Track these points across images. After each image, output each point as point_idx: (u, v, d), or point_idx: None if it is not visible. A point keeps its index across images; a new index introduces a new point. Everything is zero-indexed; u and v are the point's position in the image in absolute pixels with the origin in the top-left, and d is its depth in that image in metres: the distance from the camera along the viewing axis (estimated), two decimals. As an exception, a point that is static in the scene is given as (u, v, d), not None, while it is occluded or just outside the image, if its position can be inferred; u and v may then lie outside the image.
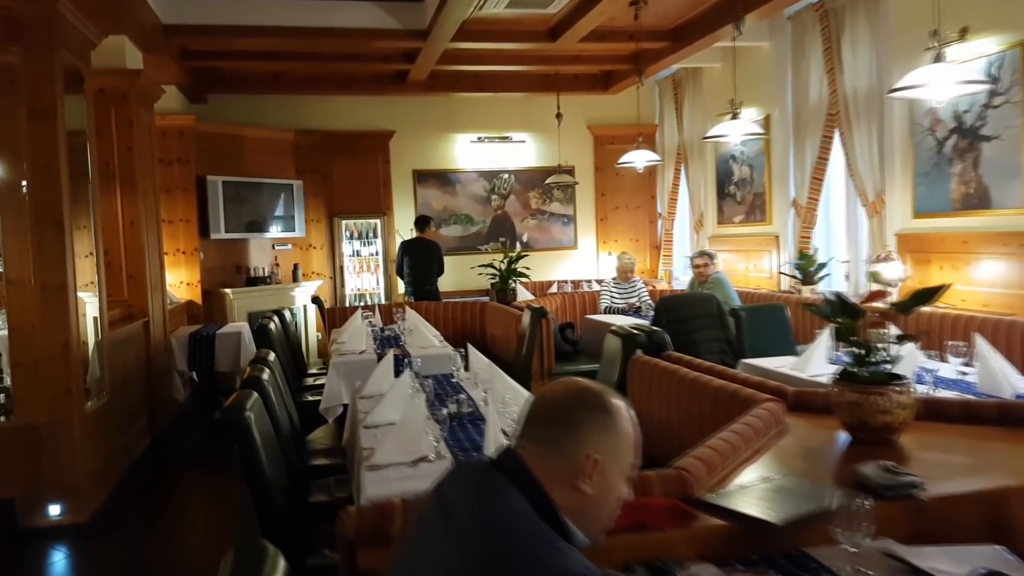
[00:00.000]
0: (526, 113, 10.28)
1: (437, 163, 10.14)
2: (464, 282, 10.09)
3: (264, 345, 5.49)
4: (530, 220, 10.43)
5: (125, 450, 5.57)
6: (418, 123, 10.01)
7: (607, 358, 4.29)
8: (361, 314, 6.74)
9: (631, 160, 7.28)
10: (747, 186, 8.67)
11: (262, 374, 3.39)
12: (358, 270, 9.70)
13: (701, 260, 6.95)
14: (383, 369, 4.15)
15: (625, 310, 7.22)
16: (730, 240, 8.93)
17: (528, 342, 5.73)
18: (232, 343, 7.28)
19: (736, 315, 5.29)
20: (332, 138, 9.66)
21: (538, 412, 1.50)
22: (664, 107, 10.53)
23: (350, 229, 9.71)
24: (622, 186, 10.61)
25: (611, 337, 4.27)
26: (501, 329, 6.80)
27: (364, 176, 9.81)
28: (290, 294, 9.26)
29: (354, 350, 5.51)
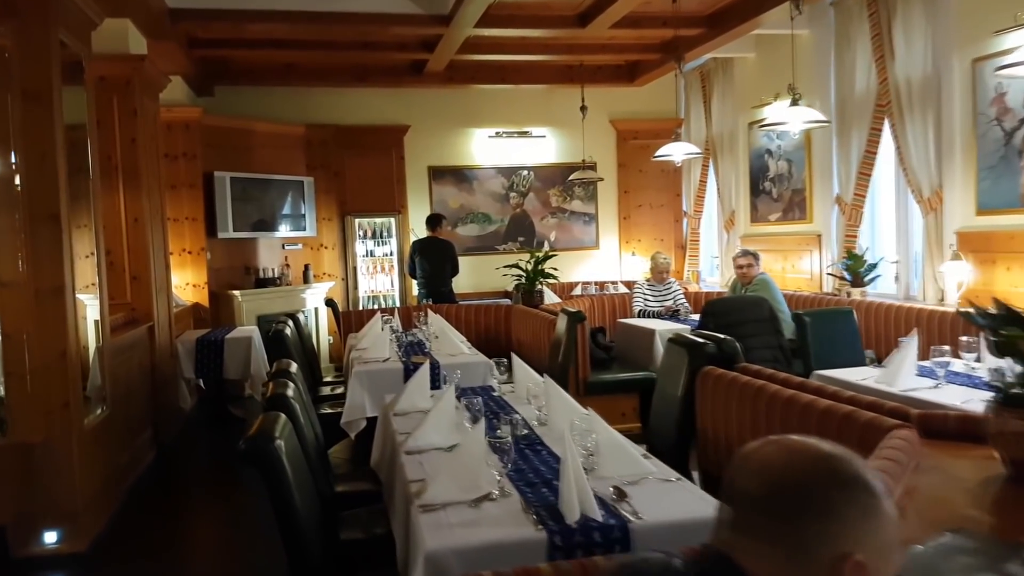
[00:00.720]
0: (546, 107, 9.83)
1: (453, 159, 9.70)
2: (482, 283, 9.65)
3: (280, 353, 5.06)
4: (550, 219, 9.98)
5: (128, 467, 5.12)
6: (434, 117, 9.56)
7: (666, 370, 3.83)
8: (381, 318, 6.30)
9: (669, 153, 6.82)
10: (785, 182, 8.22)
11: (286, 390, 2.94)
12: (372, 271, 9.26)
13: (745, 260, 6.49)
14: (418, 382, 3.70)
15: (661, 313, 6.77)
16: (765, 239, 8.47)
17: (565, 350, 5.27)
18: (242, 349, 6.83)
19: (800, 321, 4.84)
20: (344, 133, 9.22)
21: (758, 491, 1.04)
22: (691, 101, 10.07)
23: (363, 228, 9.26)
24: (646, 183, 10.16)
25: (673, 347, 3.82)
26: (530, 335, 6.35)
27: (377, 173, 9.36)
28: (301, 296, 8.82)
29: (377, 358, 5.06)
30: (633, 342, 6.38)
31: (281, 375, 3.23)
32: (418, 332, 5.90)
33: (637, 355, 6.24)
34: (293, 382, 3.21)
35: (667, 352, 3.88)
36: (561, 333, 5.36)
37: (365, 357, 5.08)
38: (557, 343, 5.40)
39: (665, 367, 3.85)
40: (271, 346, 5.40)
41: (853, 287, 6.70)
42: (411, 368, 4.79)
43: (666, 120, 10.17)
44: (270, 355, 7.66)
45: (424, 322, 6.23)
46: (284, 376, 3.21)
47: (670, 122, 10.18)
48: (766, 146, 8.45)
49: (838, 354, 4.79)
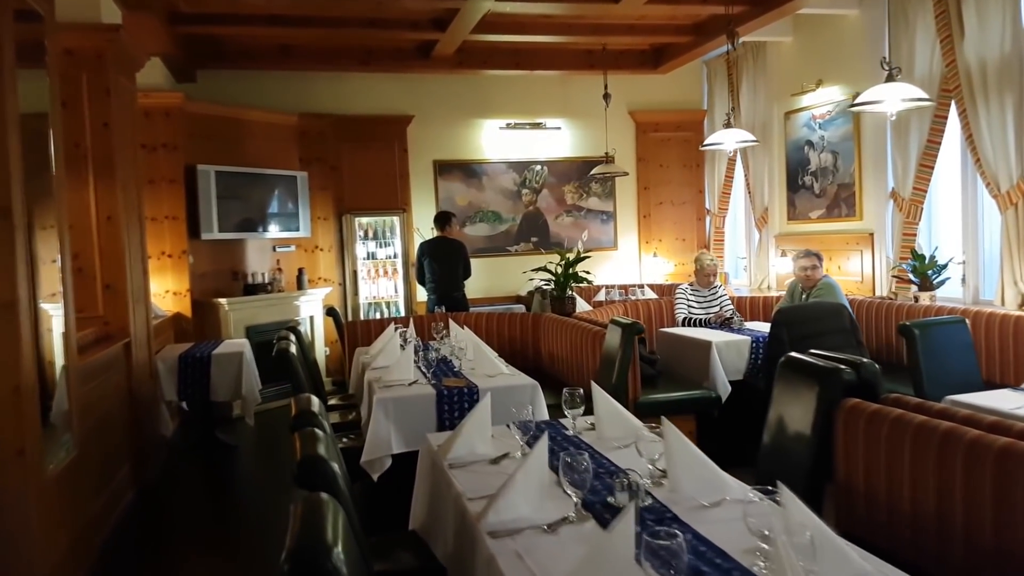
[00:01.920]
0: (562, 96, 9.05)
1: (461, 153, 8.89)
2: (493, 288, 8.86)
3: (286, 376, 4.25)
4: (565, 217, 9.20)
5: (103, 516, 4.27)
6: (440, 106, 8.75)
7: (785, 401, 3.05)
8: (395, 329, 5.49)
9: (719, 141, 6.04)
10: (829, 176, 7.49)
11: (320, 447, 2.10)
12: (373, 275, 8.42)
13: (808, 262, 5.75)
14: (477, 422, 2.89)
15: (709, 321, 6.01)
16: (806, 239, 7.73)
17: (620, 368, 4.49)
18: (231, 366, 5.99)
19: (908, 333, 4.08)
20: (342, 123, 8.38)
21: None
22: (715, 90, 9.32)
23: (364, 228, 8.43)
24: (667, 179, 9.41)
25: (792, 373, 3.04)
26: (566, 348, 5.56)
27: (379, 167, 8.54)
28: (294, 304, 7.97)
29: (401, 380, 4.24)
30: (682, 355, 5.60)
31: (305, 421, 2.41)
32: (441, 346, 5.09)
33: (688, 370, 5.47)
34: (322, 429, 2.40)
35: (783, 379, 3.10)
36: (614, 348, 4.57)
37: (387, 380, 4.25)
38: (609, 359, 4.61)
39: (784, 398, 3.07)
40: (274, 366, 4.58)
41: (921, 291, 5.97)
42: (445, 393, 3.99)
43: (689, 111, 9.44)
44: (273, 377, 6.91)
45: (445, 334, 5.43)
46: (310, 423, 2.39)
47: (693, 113, 9.45)
48: (806, 137, 7.72)
49: (949, 373, 4.05)
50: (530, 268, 6.80)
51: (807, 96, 7.68)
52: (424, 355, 4.76)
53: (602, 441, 2.90)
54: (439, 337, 5.45)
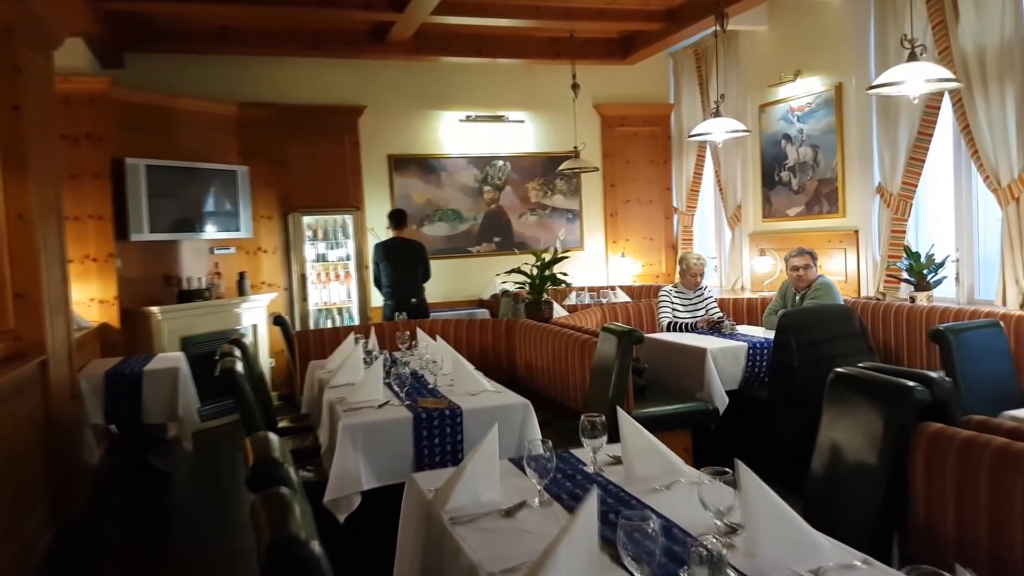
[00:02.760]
0: (525, 87, 8.54)
1: (418, 147, 8.30)
2: (453, 291, 8.30)
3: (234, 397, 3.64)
4: (529, 216, 8.68)
5: (14, 566, 3.58)
6: (395, 96, 8.15)
7: (842, 425, 2.58)
8: (355, 339, 4.89)
9: (707, 131, 5.58)
10: (808, 171, 7.13)
11: (291, 520, 1.51)
12: (324, 279, 7.77)
13: (801, 260, 5.34)
14: (484, 460, 2.33)
15: (696, 326, 5.55)
16: (784, 237, 7.37)
17: (617, 380, 3.98)
18: (165, 383, 5.30)
19: (942, 338, 3.66)
20: (287, 113, 7.71)
21: None
22: (682, 84, 8.92)
23: (313, 228, 7.76)
24: (634, 175, 8.98)
25: (851, 392, 2.57)
26: (548, 358, 5.03)
27: (328, 162, 7.89)
28: (235, 312, 7.28)
29: (369, 401, 3.66)
30: (673, 363, 5.13)
31: (268, 476, 1.82)
32: (411, 358, 4.53)
33: (680, 380, 5.00)
34: (290, 484, 1.82)
35: (835, 399, 2.63)
36: (608, 358, 4.06)
37: (352, 401, 3.66)
38: (603, 371, 4.10)
39: (839, 422, 2.59)
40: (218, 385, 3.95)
41: (918, 291, 5.62)
42: (423, 416, 3.43)
43: (656, 105, 9.03)
44: (213, 393, 6.23)
45: (411, 344, 4.86)
46: (274, 477, 1.81)
47: (660, 107, 9.05)
48: (783, 130, 7.36)
49: (985, 382, 3.65)
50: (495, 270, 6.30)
51: (784, 88, 7.32)
52: (393, 370, 4.18)
53: (633, 481, 2.38)
54: (404, 347, 4.90)
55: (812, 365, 4.24)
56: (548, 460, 2.24)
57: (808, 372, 4.24)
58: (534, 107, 8.56)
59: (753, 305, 6.16)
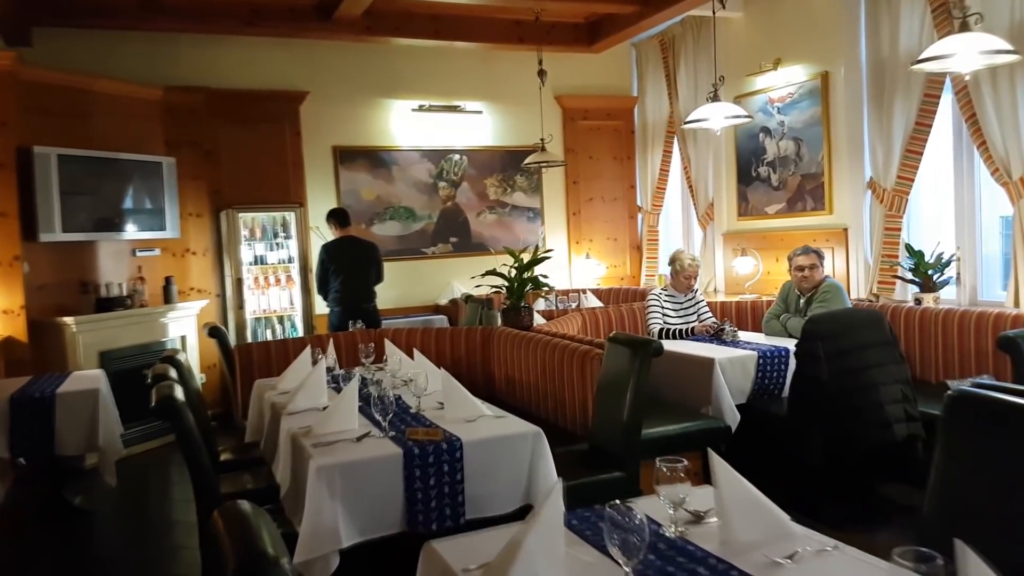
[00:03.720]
0: (484, 74, 7.92)
1: (366, 138, 7.58)
2: (406, 296, 7.62)
3: (175, 431, 2.93)
4: (487, 214, 8.05)
5: None
6: (341, 82, 7.42)
7: (968, 454, 2.04)
8: (312, 355, 4.20)
9: (704, 117, 5.04)
10: (790, 166, 6.71)
11: None
12: (263, 283, 6.98)
13: (806, 260, 4.87)
14: (548, 530, 1.70)
15: (690, 333, 5.02)
16: (763, 236, 6.94)
17: (634, 399, 3.39)
18: (83, 408, 4.47)
19: (1014, 347, 3.18)
20: (220, 99, 6.90)
21: None
22: (647, 76, 8.44)
23: (249, 226, 6.96)
24: (597, 172, 8.45)
25: (976, 419, 2.03)
26: (535, 372, 4.42)
27: (266, 153, 7.11)
28: (161, 321, 6.45)
29: (342, 432, 2.99)
30: (673, 375, 4.56)
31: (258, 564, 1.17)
32: (382, 375, 3.85)
33: (684, 394, 4.46)
34: None
35: (958, 421, 2.09)
36: (621, 374, 3.47)
37: (321, 433, 2.99)
38: (613, 388, 3.51)
39: (969, 447, 2.05)
40: (143, 408, 3.22)
41: (923, 292, 5.22)
42: (415, 452, 2.77)
43: (619, 97, 8.54)
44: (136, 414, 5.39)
45: (377, 358, 4.20)
46: None
47: (624, 100, 8.57)
48: (762, 123, 6.92)
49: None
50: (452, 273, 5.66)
51: (763, 78, 6.89)
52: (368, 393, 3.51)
53: (735, 550, 1.78)
54: (369, 363, 4.23)
55: (841, 377, 3.76)
56: (634, 529, 1.62)
57: (836, 385, 3.75)
58: (493, 97, 7.95)
59: (746, 309, 5.67)
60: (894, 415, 3.74)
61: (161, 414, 2.83)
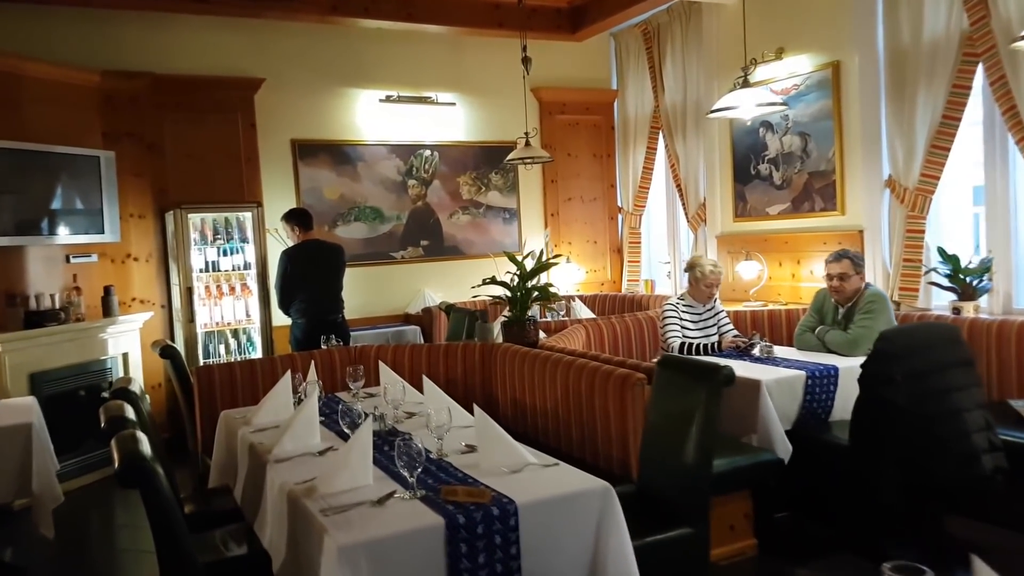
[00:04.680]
0: (457, 63, 7.29)
1: (328, 131, 6.87)
2: (371, 305, 6.96)
3: (145, 498, 2.25)
4: (461, 215, 7.41)
5: None
6: (301, 69, 6.70)
7: None
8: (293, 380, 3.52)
9: (732, 105, 4.49)
10: (795, 163, 6.26)
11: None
12: (215, 293, 6.20)
13: (838, 267, 4.37)
14: None
15: (714, 348, 4.49)
16: (764, 239, 6.48)
17: (704, 439, 2.82)
18: (12, 447, 3.70)
19: None
20: (165, 85, 6.12)
21: None
22: (627, 68, 7.93)
23: (199, 229, 6.19)
24: (576, 170, 7.90)
25: None
26: (549, 399, 3.81)
27: (217, 147, 6.35)
28: (100, 338, 5.65)
29: (357, 491, 2.34)
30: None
31: None
32: (382, 404, 3.22)
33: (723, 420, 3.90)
34: None
35: None
36: (682, 406, 2.89)
37: (329, 493, 2.34)
38: (670, 424, 2.93)
39: None
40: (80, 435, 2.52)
41: (962, 300, 4.80)
42: (459, 522, 2.14)
43: (599, 90, 8.01)
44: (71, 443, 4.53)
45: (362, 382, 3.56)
46: None
47: (603, 93, 8.05)
48: (763, 117, 6.45)
49: None
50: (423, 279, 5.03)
51: (764, 69, 6.41)
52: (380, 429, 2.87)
53: None
54: (358, 388, 3.59)
55: (920, 402, 3.25)
56: None
57: (916, 411, 3.25)
58: (466, 88, 7.32)
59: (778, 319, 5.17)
60: (980, 445, 3.26)
61: (127, 479, 2.14)
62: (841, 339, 4.27)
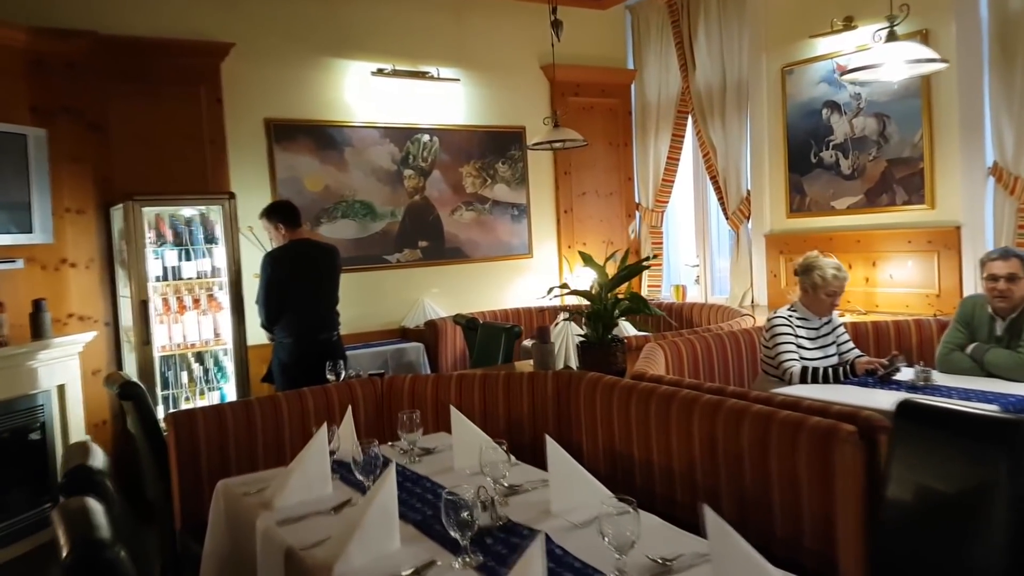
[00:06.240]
0: (463, 31, 6.23)
1: (310, 109, 5.71)
2: (364, 318, 5.86)
3: None
4: (464, 212, 6.33)
5: None
6: (277, 33, 5.55)
7: None
8: (329, 438, 2.45)
9: (874, 63, 3.48)
10: (870, 150, 5.38)
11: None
12: (177, 307, 4.98)
13: (1009, 266, 3.45)
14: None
15: (842, 373, 3.52)
16: (828, 238, 5.59)
17: (1015, 532, 1.83)
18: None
19: None
20: (112, 48, 4.90)
21: None
22: (646, 45, 6.98)
23: (155, 227, 4.96)
24: (591, 160, 6.91)
25: None
26: (679, 450, 2.78)
27: (176, 126, 5.15)
28: (28, 366, 4.41)
29: None
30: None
31: None
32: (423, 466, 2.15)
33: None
34: None
35: None
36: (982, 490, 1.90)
37: None
38: (937, 505, 1.94)
39: None
40: None
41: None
42: None
43: (615, 70, 7.07)
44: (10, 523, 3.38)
45: (420, 430, 2.53)
46: None
47: (620, 73, 7.13)
48: (826, 97, 5.59)
49: None
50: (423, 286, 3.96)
51: (826, 41, 5.54)
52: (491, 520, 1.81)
53: None
54: (411, 449, 2.57)
55: None
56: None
57: None
58: (471, 62, 6.25)
59: (883, 333, 4.23)
60: None
61: None
62: (1009, 360, 3.36)
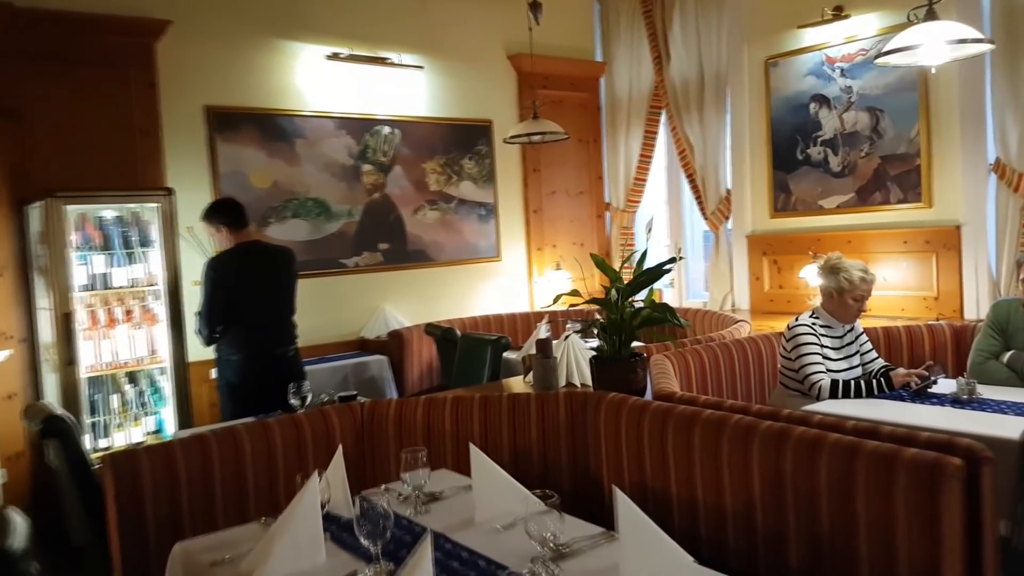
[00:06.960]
0: (427, 15, 5.73)
1: (256, 96, 5.14)
2: (320, 328, 5.30)
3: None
4: (428, 211, 5.83)
5: None
6: (219, 10, 4.98)
7: None
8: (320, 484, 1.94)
9: (911, 44, 3.09)
10: (862, 145, 5.10)
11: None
12: (106, 321, 4.34)
13: (1052, 270, 3.18)
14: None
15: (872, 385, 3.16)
16: (815, 239, 5.29)
17: None
18: None
19: None
20: (28, 24, 4.25)
21: None
22: (616, 36, 6.61)
23: (81, 228, 4.32)
24: (561, 157, 6.50)
25: None
26: (730, 486, 2.36)
27: (102, 113, 4.53)
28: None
29: None
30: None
31: None
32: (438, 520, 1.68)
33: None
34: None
35: None
36: None
37: None
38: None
39: None
40: None
41: None
42: None
43: (585, 62, 6.68)
44: None
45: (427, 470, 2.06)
46: None
47: (590, 66, 6.76)
48: (815, 90, 5.29)
49: None
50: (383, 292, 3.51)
51: (815, 32, 5.25)
52: None
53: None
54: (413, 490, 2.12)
55: None
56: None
57: None
58: (435, 49, 5.77)
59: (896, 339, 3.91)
60: None
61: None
62: (1050, 367, 3.08)
